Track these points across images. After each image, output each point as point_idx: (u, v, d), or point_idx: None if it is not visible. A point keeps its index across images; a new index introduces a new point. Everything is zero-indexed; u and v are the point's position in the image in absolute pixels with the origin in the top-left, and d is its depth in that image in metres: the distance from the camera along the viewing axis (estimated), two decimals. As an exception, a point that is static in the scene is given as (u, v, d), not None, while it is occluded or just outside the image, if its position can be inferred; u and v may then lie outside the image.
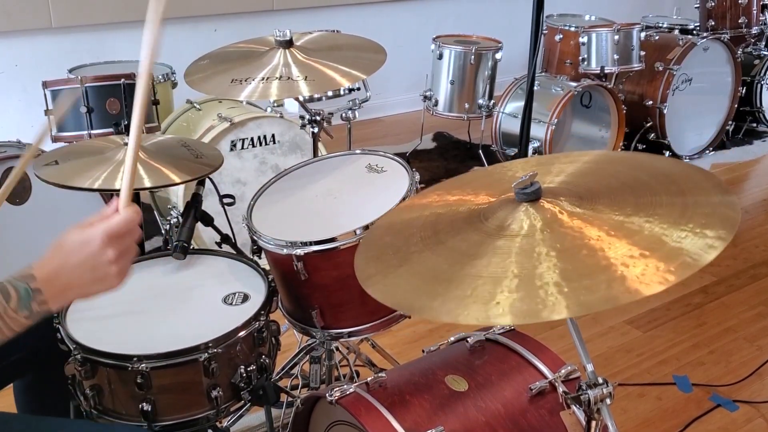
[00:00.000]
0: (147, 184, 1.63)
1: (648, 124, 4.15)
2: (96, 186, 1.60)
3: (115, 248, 1.04)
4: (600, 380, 1.08)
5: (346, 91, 3.14)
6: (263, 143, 2.82)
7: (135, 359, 1.36)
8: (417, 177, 1.72)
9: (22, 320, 1.01)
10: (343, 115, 2.62)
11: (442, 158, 4.22)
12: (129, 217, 1.07)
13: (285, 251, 1.59)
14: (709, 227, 0.95)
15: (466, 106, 3.86)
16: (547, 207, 1.07)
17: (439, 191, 1.31)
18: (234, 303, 1.55)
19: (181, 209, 2.61)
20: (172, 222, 2.74)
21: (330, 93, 3.04)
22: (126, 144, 1.70)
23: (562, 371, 1.40)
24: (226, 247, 1.85)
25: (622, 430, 2.12)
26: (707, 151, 4.40)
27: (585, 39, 3.92)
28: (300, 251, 1.57)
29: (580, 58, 3.95)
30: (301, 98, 2.16)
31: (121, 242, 1.05)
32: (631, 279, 0.90)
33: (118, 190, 1.13)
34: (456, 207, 1.20)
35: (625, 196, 1.07)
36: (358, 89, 3.07)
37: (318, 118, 2.13)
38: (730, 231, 0.93)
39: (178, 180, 1.66)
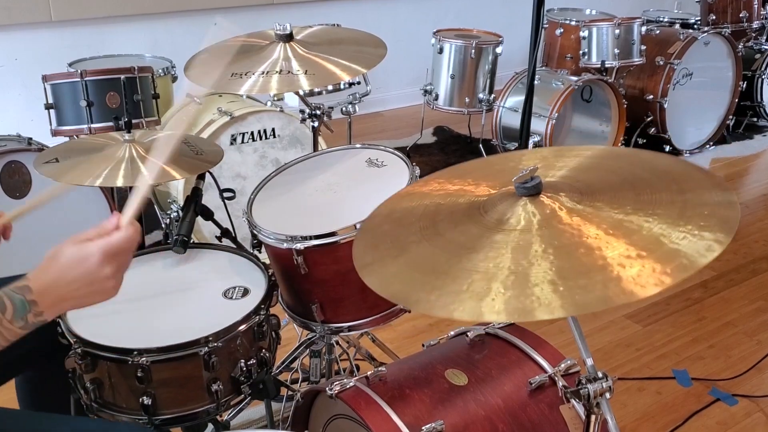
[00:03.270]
0: (149, 181, 1.63)
1: (648, 119, 4.15)
2: (98, 184, 1.60)
3: (112, 265, 1.05)
4: (599, 374, 1.08)
5: (347, 86, 3.14)
6: (263, 137, 2.82)
7: (135, 353, 1.36)
8: (417, 171, 1.72)
9: (17, 330, 1.02)
10: (344, 109, 2.62)
11: (443, 153, 4.22)
12: (129, 236, 1.08)
13: (285, 245, 1.59)
14: (708, 229, 0.94)
15: (467, 100, 3.86)
16: (547, 203, 1.06)
17: (440, 179, 1.30)
18: (234, 297, 1.55)
19: (181, 203, 2.61)
20: (172, 216, 2.74)
21: (330, 87, 3.03)
22: (125, 141, 1.70)
23: (562, 365, 1.41)
24: (226, 242, 1.85)
25: (621, 425, 2.13)
26: (708, 146, 4.40)
27: (585, 33, 3.91)
28: (300, 245, 1.57)
29: (581, 52, 3.94)
30: (301, 92, 2.15)
31: (118, 259, 1.06)
32: (627, 280, 0.89)
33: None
34: (456, 198, 1.19)
35: (626, 192, 1.06)
36: (359, 83, 3.07)
37: (318, 112, 2.13)
38: (728, 234, 0.93)
39: (179, 176, 1.66)
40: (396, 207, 1.26)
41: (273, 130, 2.83)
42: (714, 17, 4.34)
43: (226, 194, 1.89)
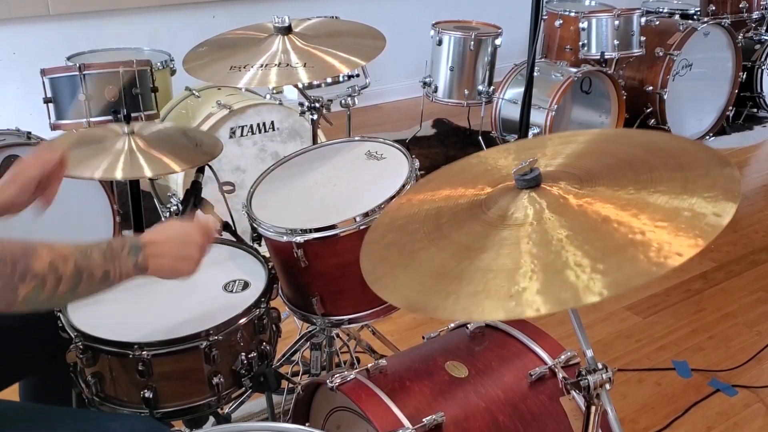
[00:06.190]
0: (148, 173, 1.63)
1: (648, 110, 4.14)
2: (97, 176, 1.60)
3: (202, 238, 1.28)
4: (599, 366, 1.08)
5: (346, 78, 3.13)
6: (262, 130, 2.81)
7: (136, 347, 1.36)
8: (416, 164, 1.72)
9: (130, 266, 1.16)
10: (343, 101, 2.61)
11: (442, 145, 4.21)
12: (217, 227, 1.41)
13: (285, 239, 1.59)
14: (714, 199, 0.93)
15: (466, 92, 3.85)
16: (551, 191, 1.05)
17: (433, 183, 1.29)
18: (234, 290, 1.55)
19: (181, 197, 2.60)
20: (171, 210, 2.73)
21: (329, 80, 3.03)
22: (125, 133, 1.70)
23: (562, 357, 1.41)
24: (226, 235, 1.85)
25: (621, 416, 2.13)
26: (707, 137, 4.40)
27: (585, 24, 3.90)
28: (300, 239, 1.57)
29: (580, 43, 3.93)
30: (300, 85, 2.15)
31: (206, 237, 1.29)
32: (659, 249, 0.88)
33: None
34: (456, 198, 1.18)
35: (625, 173, 1.05)
36: (358, 76, 3.06)
37: (317, 105, 2.13)
38: (734, 201, 0.92)
39: (178, 169, 1.66)
40: (397, 214, 1.24)
41: (272, 123, 2.82)
42: (714, 8, 4.33)
43: (225, 187, 1.89)
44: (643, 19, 3.94)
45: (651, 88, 4.10)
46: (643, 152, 1.11)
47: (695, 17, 4.36)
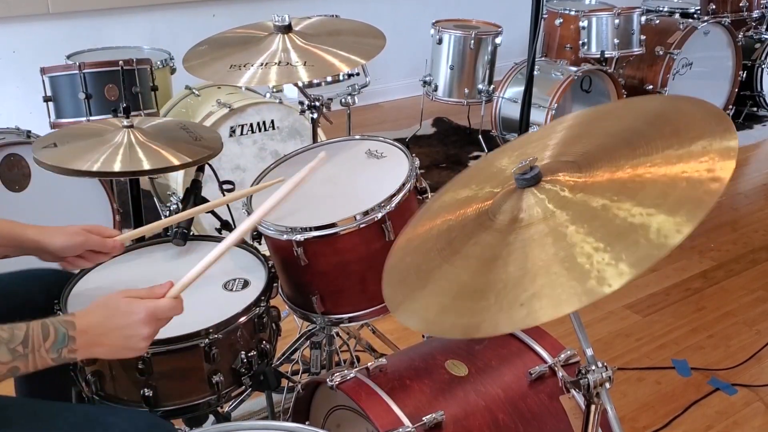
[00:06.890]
0: (146, 166, 1.63)
1: (648, 109, 4.14)
2: (95, 169, 1.59)
3: (151, 327, 1.14)
4: (599, 364, 1.08)
5: (346, 77, 3.13)
6: (262, 129, 2.81)
7: (136, 345, 1.36)
8: (417, 162, 1.72)
9: (48, 360, 1.07)
10: (343, 100, 2.62)
11: (442, 144, 4.21)
12: (175, 308, 1.18)
13: (285, 237, 1.59)
14: (709, 163, 0.92)
15: (466, 91, 3.85)
16: (552, 186, 1.03)
17: (441, 200, 1.28)
18: (234, 289, 1.55)
19: (181, 196, 2.60)
20: (171, 208, 2.73)
21: (329, 78, 3.02)
22: (125, 126, 1.69)
23: (562, 356, 1.41)
24: (225, 234, 1.85)
25: (621, 414, 2.13)
26: (707, 136, 4.40)
27: (585, 23, 3.90)
28: (300, 237, 1.57)
29: (580, 42, 3.93)
30: (300, 84, 2.15)
31: (157, 324, 1.16)
32: (654, 232, 0.88)
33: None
34: (464, 210, 1.16)
35: (622, 151, 1.03)
36: (358, 75, 3.06)
37: (317, 103, 2.13)
38: (730, 159, 0.91)
39: (177, 162, 1.66)
40: (412, 234, 1.23)
41: (272, 121, 2.82)
42: (714, 7, 4.33)
43: (225, 186, 1.89)
44: (643, 18, 3.94)
45: (651, 86, 4.10)
46: (639, 123, 1.09)
47: (695, 16, 4.37)
